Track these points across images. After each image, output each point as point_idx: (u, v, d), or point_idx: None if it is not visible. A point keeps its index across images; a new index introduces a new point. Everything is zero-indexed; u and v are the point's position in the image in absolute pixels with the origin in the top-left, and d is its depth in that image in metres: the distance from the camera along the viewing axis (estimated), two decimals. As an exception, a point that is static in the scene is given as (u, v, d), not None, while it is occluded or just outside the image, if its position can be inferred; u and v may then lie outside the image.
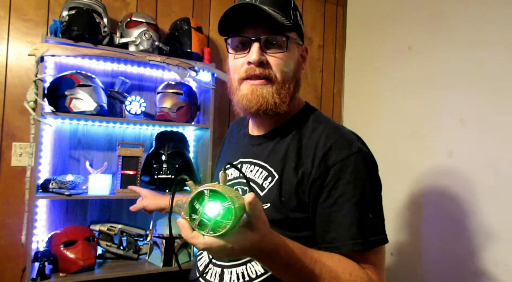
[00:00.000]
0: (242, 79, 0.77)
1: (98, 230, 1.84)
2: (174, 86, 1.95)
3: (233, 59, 0.79)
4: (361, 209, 0.70)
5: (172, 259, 1.81)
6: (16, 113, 1.80)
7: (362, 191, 0.71)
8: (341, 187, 0.70)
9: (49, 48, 1.63)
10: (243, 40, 0.76)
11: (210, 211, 0.51)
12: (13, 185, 1.78)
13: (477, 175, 1.55)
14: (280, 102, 0.76)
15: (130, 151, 1.82)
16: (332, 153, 0.72)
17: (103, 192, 1.74)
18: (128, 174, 1.81)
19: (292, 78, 0.79)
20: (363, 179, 0.72)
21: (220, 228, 0.50)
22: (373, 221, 0.71)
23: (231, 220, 0.49)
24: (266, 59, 0.75)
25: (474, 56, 1.61)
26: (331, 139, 0.74)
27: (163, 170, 1.86)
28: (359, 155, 0.73)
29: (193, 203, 0.52)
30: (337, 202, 0.70)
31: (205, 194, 0.51)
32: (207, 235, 0.51)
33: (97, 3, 1.77)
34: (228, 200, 0.50)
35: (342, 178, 0.71)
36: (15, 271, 1.76)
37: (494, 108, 1.51)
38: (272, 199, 0.75)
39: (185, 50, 1.95)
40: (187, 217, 0.52)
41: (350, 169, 0.71)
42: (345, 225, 0.69)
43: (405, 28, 2.01)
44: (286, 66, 0.77)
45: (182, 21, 2.01)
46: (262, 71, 0.75)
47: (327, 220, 0.71)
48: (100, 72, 1.97)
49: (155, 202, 1.15)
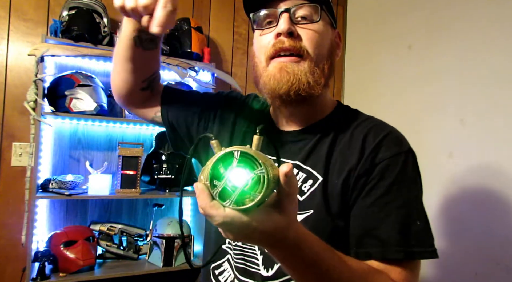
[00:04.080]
0: (270, 57, 0.66)
1: (98, 230, 1.84)
2: (174, 86, 1.95)
3: (259, 36, 0.69)
4: (405, 214, 0.60)
5: (172, 259, 1.81)
6: (16, 113, 1.80)
7: (408, 195, 0.62)
8: (383, 187, 0.61)
9: (49, 48, 1.63)
10: (271, 14, 0.67)
11: (236, 178, 0.41)
12: (13, 185, 1.78)
13: (477, 175, 1.55)
14: (314, 82, 0.64)
15: (130, 151, 1.82)
16: (381, 149, 0.64)
17: (103, 192, 1.74)
18: (128, 174, 1.81)
19: (326, 58, 0.68)
20: (410, 182, 0.63)
21: (247, 201, 0.41)
22: (422, 229, 0.61)
23: (261, 192, 0.40)
24: (297, 31, 0.65)
25: (474, 56, 1.61)
26: (380, 134, 0.65)
27: (163, 170, 1.86)
28: (409, 155, 0.64)
29: (217, 167, 0.42)
30: (377, 203, 0.61)
31: (235, 156, 0.41)
32: (229, 207, 0.41)
33: (97, 3, 1.77)
34: (261, 167, 0.40)
35: (387, 177, 0.62)
36: (15, 271, 1.76)
37: (494, 108, 1.51)
38: (315, 204, 0.64)
39: (185, 50, 1.95)
40: (207, 182, 0.42)
41: (398, 168, 0.62)
42: (383, 229, 0.60)
43: (405, 28, 2.01)
44: (320, 41, 0.66)
45: (182, 21, 2.01)
46: (292, 43, 0.64)
47: (362, 221, 0.62)
48: (100, 72, 1.97)
49: None
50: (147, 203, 2.07)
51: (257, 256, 0.70)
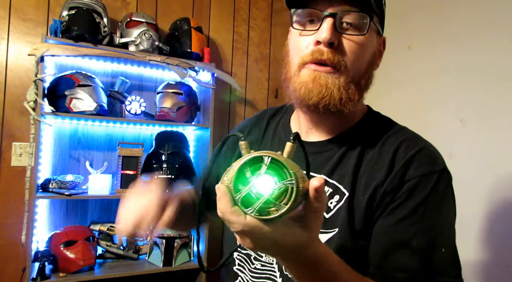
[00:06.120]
0: (304, 63, 0.60)
1: (98, 230, 1.84)
2: (174, 86, 1.95)
3: (298, 36, 0.62)
4: (430, 239, 0.55)
5: (172, 259, 1.81)
6: (16, 113, 1.80)
7: (436, 219, 0.56)
8: (409, 207, 0.56)
9: (49, 48, 1.63)
10: (314, 14, 0.60)
11: (263, 186, 0.38)
12: (13, 185, 1.78)
13: (477, 175, 1.55)
14: (347, 99, 0.60)
15: (130, 151, 1.82)
16: (412, 165, 0.58)
17: (103, 192, 1.74)
18: (128, 174, 1.81)
19: (365, 73, 0.63)
20: (441, 204, 0.57)
21: (270, 211, 0.38)
22: (446, 258, 0.55)
23: (287, 205, 0.37)
24: (340, 41, 0.59)
25: (474, 56, 1.61)
26: (412, 150, 0.60)
27: (163, 170, 1.86)
28: (444, 174, 0.59)
29: (243, 170, 0.39)
30: (400, 224, 0.56)
31: (264, 162, 0.38)
32: (250, 215, 0.39)
33: (97, 3, 1.77)
34: (291, 178, 0.38)
35: (415, 196, 0.56)
36: (15, 271, 1.76)
37: (494, 108, 1.51)
38: (341, 222, 0.59)
39: (185, 50, 1.95)
40: (231, 185, 0.39)
41: (428, 188, 0.56)
42: (402, 253, 0.55)
43: (405, 28, 2.01)
44: (361, 55, 0.61)
45: (182, 21, 2.01)
46: (331, 57, 0.58)
47: (382, 242, 0.57)
48: (100, 72, 1.97)
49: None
50: (147, 203, 2.07)
51: (276, 277, 0.67)
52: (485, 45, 1.57)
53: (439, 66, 1.78)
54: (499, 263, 1.45)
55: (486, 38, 1.57)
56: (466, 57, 1.65)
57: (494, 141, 1.50)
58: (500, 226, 1.46)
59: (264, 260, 0.69)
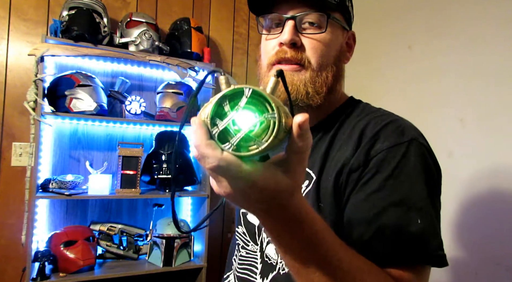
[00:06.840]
0: (271, 64, 0.65)
1: (98, 230, 1.84)
2: (174, 86, 1.95)
3: (265, 41, 0.68)
4: (403, 212, 0.53)
5: (172, 259, 1.81)
6: (16, 113, 1.80)
7: (408, 190, 0.54)
8: (377, 181, 0.54)
9: (49, 48, 1.63)
10: (277, 19, 0.65)
11: (242, 120, 0.35)
12: (13, 185, 1.78)
13: (477, 175, 1.55)
14: (314, 92, 0.63)
15: (130, 151, 1.82)
16: (379, 140, 0.57)
17: (103, 192, 1.74)
18: (128, 174, 1.81)
19: (330, 66, 0.65)
20: (412, 175, 0.55)
21: (250, 149, 0.34)
22: (422, 230, 0.52)
23: (268, 141, 0.34)
24: (301, 40, 0.63)
25: (474, 56, 1.61)
26: (380, 124, 0.59)
27: (163, 170, 1.86)
28: (413, 145, 0.57)
29: (222, 103, 0.36)
30: (369, 199, 0.54)
31: (245, 94, 0.35)
32: (227, 150, 0.35)
33: (97, 3, 1.77)
34: (273, 111, 0.34)
35: (383, 170, 0.55)
36: (15, 271, 1.76)
37: (494, 108, 1.51)
38: (310, 205, 0.56)
39: (185, 50, 1.95)
40: (207, 119, 0.35)
41: (396, 160, 0.55)
42: (373, 231, 0.52)
43: (405, 28, 2.01)
44: (324, 51, 0.64)
45: (182, 21, 2.01)
46: (294, 54, 0.62)
47: (352, 219, 0.55)
48: (100, 72, 1.97)
49: None
50: (147, 203, 2.07)
51: (257, 264, 0.69)
52: (485, 45, 1.57)
53: (439, 66, 1.78)
54: (499, 263, 1.45)
55: (486, 38, 1.57)
56: (466, 57, 1.65)
57: (494, 141, 1.50)
58: (500, 226, 1.46)
59: (249, 248, 0.72)
